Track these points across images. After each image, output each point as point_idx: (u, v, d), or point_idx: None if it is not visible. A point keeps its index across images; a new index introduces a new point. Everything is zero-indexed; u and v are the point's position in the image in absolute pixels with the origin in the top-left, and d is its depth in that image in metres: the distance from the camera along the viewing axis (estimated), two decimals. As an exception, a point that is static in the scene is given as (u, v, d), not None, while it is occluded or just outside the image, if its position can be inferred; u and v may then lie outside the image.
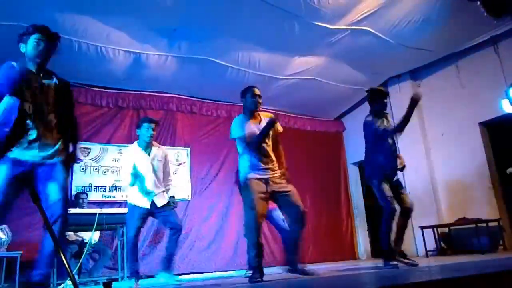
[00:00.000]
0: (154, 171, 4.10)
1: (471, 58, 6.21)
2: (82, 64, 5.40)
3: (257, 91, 3.59)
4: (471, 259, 4.10)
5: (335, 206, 7.95)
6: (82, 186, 5.69)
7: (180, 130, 6.70)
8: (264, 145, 3.47)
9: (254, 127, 3.48)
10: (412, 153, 6.50)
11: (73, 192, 5.51)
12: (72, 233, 4.97)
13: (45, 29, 2.60)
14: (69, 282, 3.84)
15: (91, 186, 5.74)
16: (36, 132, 2.49)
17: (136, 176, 4.02)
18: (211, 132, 6.98)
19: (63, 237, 2.72)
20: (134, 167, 4.03)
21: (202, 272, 6.04)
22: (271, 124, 3.42)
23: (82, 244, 4.97)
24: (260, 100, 3.58)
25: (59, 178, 2.55)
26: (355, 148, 8.09)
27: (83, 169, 5.79)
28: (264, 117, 3.58)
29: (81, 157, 5.75)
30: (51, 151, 2.55)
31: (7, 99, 2.42)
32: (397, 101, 6.87)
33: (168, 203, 4.13)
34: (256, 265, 3.24)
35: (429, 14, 5.25)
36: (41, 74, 2.60)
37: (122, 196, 5.86)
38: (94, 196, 5.69)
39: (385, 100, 4.10)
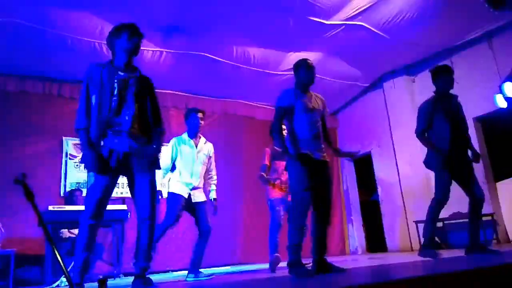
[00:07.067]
0: (196, 164, 4.04)
1: (466, 53, 6.21)
2: (76, 60, 5.35)
3: (312, 64, 3.36)
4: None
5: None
6: (77, 182, 5.66)
7: (175, 127, 6.66)
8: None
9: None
10: (406, 147, 6.52)
11: (67, 189, 5.47)
12: (66, 230, 4.95)
13: (134, 27, 2.71)
14: (64, 279, 3.83)
15: (85, 183, 5.70)
16: (121, 122, 2.55)
17: (174, 166, 4.00)
18: (206, 128, 6.95)
19: (151, 244, 2.63)
20: (174, 158, 4.01)
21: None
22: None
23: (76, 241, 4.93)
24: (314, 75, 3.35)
25: (146, 174, 2.59)
26: (349, 143, 8.10)
27: (77, 165, 5.75)
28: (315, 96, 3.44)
29: (76, 153, 5.71)
30: (137, 141, 2.58)
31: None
32: (392, 96, 6.89)
33: (204, 202, 4.05)
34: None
35: (423, 9, 5.24)
36: (127, 68, 2.75)
37: (116, 193, 5.82)
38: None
39: (448, 77, 3.86)
